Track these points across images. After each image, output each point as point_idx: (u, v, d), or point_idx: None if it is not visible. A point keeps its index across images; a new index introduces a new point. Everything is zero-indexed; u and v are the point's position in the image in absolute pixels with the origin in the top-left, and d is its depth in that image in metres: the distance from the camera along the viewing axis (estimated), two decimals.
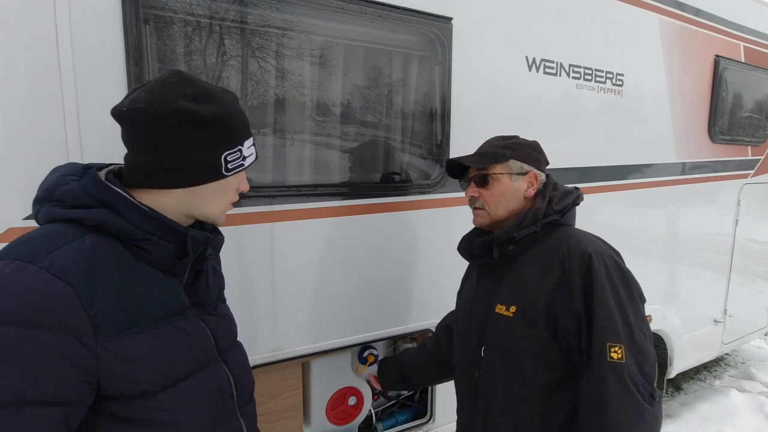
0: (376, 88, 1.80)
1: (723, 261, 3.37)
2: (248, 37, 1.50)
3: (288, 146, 1.65)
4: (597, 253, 1.09)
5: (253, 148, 0.89)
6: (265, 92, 1.57)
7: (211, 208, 0.87)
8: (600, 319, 1.03)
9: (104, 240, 0.75)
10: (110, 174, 0.82)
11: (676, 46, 2.67)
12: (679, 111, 2.78)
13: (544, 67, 2.09)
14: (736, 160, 3.28)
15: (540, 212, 1.18)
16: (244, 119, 0.88)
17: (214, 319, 0.90)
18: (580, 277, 1.07)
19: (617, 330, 1.02)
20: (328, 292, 1.71)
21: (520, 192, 1.23)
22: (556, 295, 1.09)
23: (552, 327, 1.09)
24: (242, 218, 1.49)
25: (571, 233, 1.18)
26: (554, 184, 1.26)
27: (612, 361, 1.00)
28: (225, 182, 0.85)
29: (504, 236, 1.19)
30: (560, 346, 1.10)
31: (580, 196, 1.27)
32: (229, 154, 0.83)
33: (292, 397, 1.72)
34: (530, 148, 1.26)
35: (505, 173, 1.22)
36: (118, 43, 1.26)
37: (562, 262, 1.10)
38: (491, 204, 1.23)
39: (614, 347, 1.01)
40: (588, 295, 1.05)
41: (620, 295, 1.06)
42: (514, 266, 1.20)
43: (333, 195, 1.68)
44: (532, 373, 1.11)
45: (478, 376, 1.21)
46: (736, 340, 3.62)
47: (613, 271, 1.08)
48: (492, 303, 1.20)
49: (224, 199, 0.88)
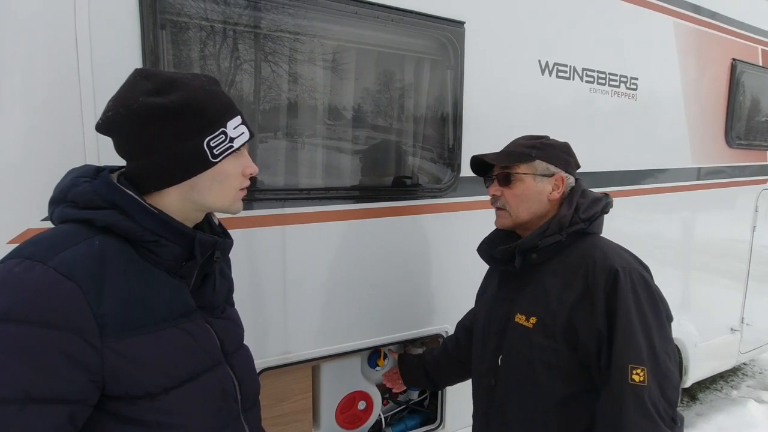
0: (388, 92, 1.80)
1: (740, 268, 3.30)
2: (262, 41, 1.51)
3: (300, 149, 1.66)
4: (624, 269, 1.04)
5: (244, 126, 0.84)
6: (278, 96, 1.58)
7: (216, 199, 0.84)
8: (623, 339, 1.00)
9: (113, 241, 0.76)
10: (122, 177, 0.83)
11: (691, 49, 2.63)
12: (695, 115, 2.74)
13: (557, 71, 2.07)
14: (754, 165, 3.22)
15: (566, 220, 1.14)
16: (224, 100, 0.84)
17: (220, 322, 0.90)
18: (605, 293, 1.03)
19: (640, 352, 0.99)
20: (338, 295, 1.70)
21: (544, 194, 1.18)
22: (578, 309, 1.05)
23: (572, 341, 1.06)
24: (253, 221, 1.50)
25: (598, 244, 1.13)
26: (583, 191, 1.21)
27: (633, 383, 0.97)
28: (219, 169, 0.82)
29: (527, 244, 1.15)
30: (579, 360, 1.06)
31: (609, 203, 1.21)
32: (211, 139, 0.80)
33: (301, 400, 1.72)
34: (559, 150, 1.21)
35: (530, 174, 1.17)
36: (135, 48, 1.28)
37: (586, 276, 1.06)
38: (512, 204, 1.19)
39: (636, 369, 0.97)
40: (611, 313, 1.02)
41: (646, 314, 1.02)
42: (537, 275, 1.16)
43: (344, 198, 1.68)
44: (550, 385, 1.09)
45: (494, 384, 1.19)
46: (754, 349, 3.53)
47: (639, 289, 1.03)
48: (511, 311, 1.18)
49: (228, 187, 0.84)
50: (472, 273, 1.99)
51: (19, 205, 1.20)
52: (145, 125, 0.77)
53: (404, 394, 2.10)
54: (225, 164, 0.82)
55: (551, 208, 1.19)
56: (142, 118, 0.76)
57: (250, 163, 0.87)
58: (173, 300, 0.81)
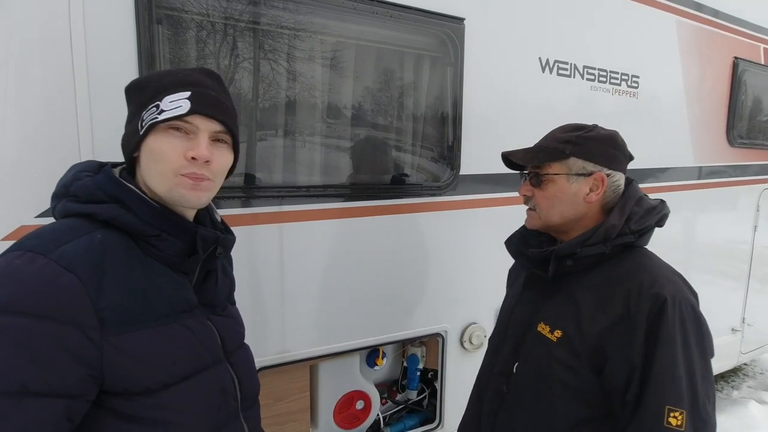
0: (388, 90, 1.78)
1: (741, 268, 3.28)
2: (260, 37, 1.50)
3: (299, 147, 1.65)
4: (674, 298, 0.93)
5: (186, 101, 0.76)
6: (277, 93, 1.56)
7: (154, 182, 0.78)
8: (662, 376, 0.90)
9: (115, 235, 0.76)
10: (124, 171, 0.83)
11: (694, 47, 2.61)
12: (697, 114, 2.72)
13: (558, 69, 2.06)
14: (756, 164, 3.20)
15: (614, 231, 1.01)
16: (171, 77, 0.80)
17: (221, 320, 0.89)
18: (647, 322, 0.92)
19: (681, 394, 0.89)
20: (337, 293, 1.69)
21: (579, 196, 1.05)
22: (613, 334, 0.95)
23: (597, 366, 0.96)
24: (251, 218, 1.49)
25: (645, 264, 1.01)
26: (639, 198, 1.07)
27: (669, 427, 0.88)
28: (150, 146, 0.77)
29: (565, 251, 1.04)
30: (602, 387, 0.97)
31: (665, 215, 1.08)
32: (146, 112, 0.78)
33: (299, 400, 1.71)
34: (602, 143, 1.05)
35: (562, 174, 1.04)
36: (131, 45, 1.27)
37: (628, 300, 0.95)
38: (543, 207, 1.07)
39: (674, 412, 0.88)
40: (651, 345, 0.91)
41: (691, 352, 0.92)
42: (569, 285, 1.05)
43: (343, 196, 1.67)
44: (565, 406, 1.00)
45: (506, 391, 1.11)
46: (755, 349, 3.52)
47: (688, 323, 0.93)
48: (535, 318, 1.09)
49: (162, 168, 0.77)
50: (473, 272, 1.98)
51: (12, 202, 1.18)
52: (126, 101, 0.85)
53: (403, 393, 2.09)
54: (155, 141, 0.77)
55: (589, 210, 1.07)
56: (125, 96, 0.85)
57: (195, 146, 0.77)
58: (175, 295, 0.80)
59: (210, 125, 0.79)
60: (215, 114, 0.79)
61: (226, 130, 0.82)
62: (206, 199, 0.82)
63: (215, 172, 0.81)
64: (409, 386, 2.03)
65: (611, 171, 1.06)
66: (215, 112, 0.80)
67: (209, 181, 0.80)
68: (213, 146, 0.80)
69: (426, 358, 2.05)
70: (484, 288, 2.01)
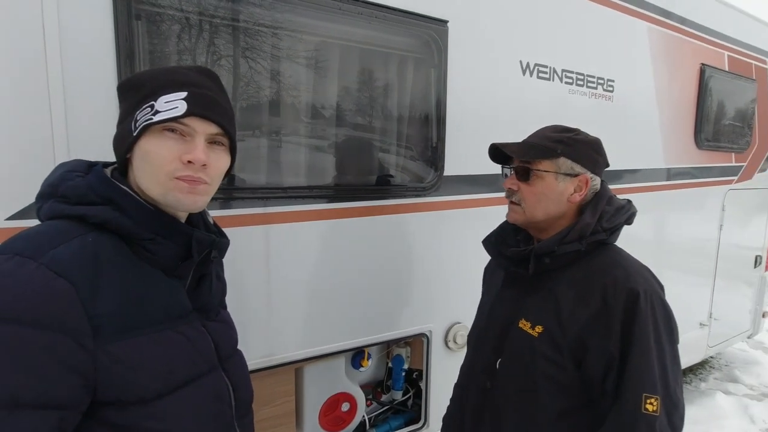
0: (372, 90, 1.78)
1: (708, 266, 3.43)
2: (242, 36, 1.47)
3: (282, 148, 1.63)
4: (646, 292, 0.99)
5: (182, 102, 0.73)
6: (260, 93, 1.54)
7: (148, 183, 0.76)
8: (638, 366, 0.96)
9: (107, 238, 0.73)
10: (116, 172, 0.80)
11: (664, 53, 2.72)
12: (667, 117, 2.83)
13: (538, 72, 2.10)
14: (721, 166, 3.35)
15: (588, 229, 1.06)
16: (167, 76, 0.78)
17: (215, 325, 0.87)
18: (623, 314, 0.98)
19: (655, 381, 0.96)
20: (322, 295, 1.68)
21: (564, 195, 1.09)
22: (592, 328, 1.00)
23: (578, 358, 1.02)
24: (234, 220, 1.46)
25: (619, 261, 1.07)
26: (610, 198, 1.13)
27: (646, 413, 0.94)
28: (144, 147, 0.74)
29: (543, 250, 1.08)
30: (582, 377, 1.03)
31: (633, 214, 1.14)
32: (139, 112, 0.75)
33: (284, 403, 1.69)
34: (588, 147, 1.11)
35: (552, 171, 1.08)
36: (108, 40, 1.23)
37: (605, 294, 1.00)
38: (529, 202, 1.10)
39: (650, 399, 0.94)
40: (627, 337, 0.97)
41: (662, 341, 0.99)
42: (548, 282, 1.09)
43: (326, 197, 1.65)
44: (548, 397, 1.05)
45: (489, 387, 1.15)
46: (721, 343, 3.68)
47: (659, 315, 0.99)
48: (516, 315, 1.12)
49: (156, 170, 0.74)
50: (456, 272, 2.00)
51: None
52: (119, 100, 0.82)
53: (388, 394, 2.08)
54: (149, 143, 0.74)
55: (568, 209, 1.11)
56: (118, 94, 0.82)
57: (192, 149, 0.74)
58: (169, 301, 0.78)
59: (207, 127, 0.77)
60: (212, 116, 0.77)
61: (223, 132, 0.80)
62: (203, 203, 0.80)
63: (212, 175, 0.79)
64: (394, 387, 2.04)
65: (593, 175, 1.11)
66: (212, 113, 0.77)
67: (206, 184, 0.78)
68: (209, 149, 0.78)
69: (411, 358, 2.05)
70: (467, 287, 2.02)
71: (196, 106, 0.75)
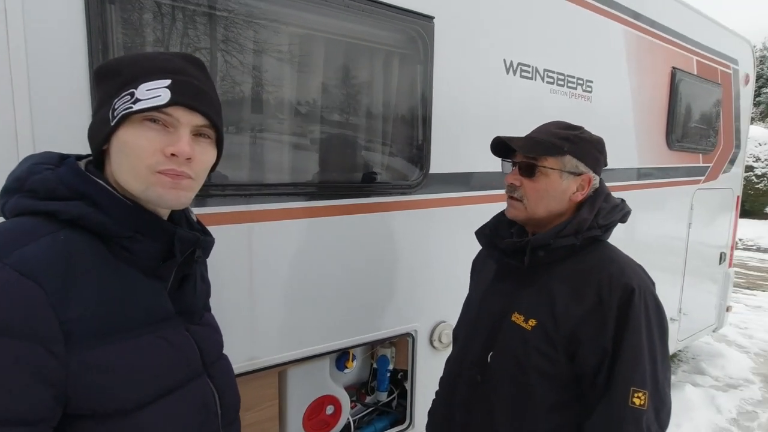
0: (357, 86, 1.75)
1: (678, 263, 3.55)
2: (227, 26, 1.41)
3: (265, 144, 1.57)
4: (640, 288, 1.00)
5: (166, 90, 0.68)
6: (243, 86, 1.48)
7: (126, 177, 0.70)
8: (629, 361, 0.97)
9: (81, 236, 0.66)
10: (90, 165, 0.74)
11: (638, 56, 2.79)
12: (641, 118, 2.91)
13: (521, 71, 2.11)
14: (690, 166, 3.48)
15: (584, 225, 1.06)
16: (149, 62, 0.72)
17: (199, 329, 0.82)
18: (617, 310, 0.99)
19: (644, 376, 0.97)
20: (306, 296, 1.63)
21: (567, 193, 1.09)
22: (586, 323, 1.00)
23: (570, 352, 1.02)
24: (216, 218, 1.39)
25: (613, 257, 1.08)
26: (606, 195, 1.14)
27: (633, 406, 0.95)
28: (121, 137, 0.69)
29: (539, 242, 1.08)
30: (574, 371, 1.04)
31: (627, 213, 1.16)
32: (118, 100, 0.69)
33: (268, 408, 1.63)
34: (592, 146, 1.11)
35: (557, 169, 1.06)
36: (78, 26, 1.14)
37: (600, 290, 1.01)
38: (531, 199, 1.09)
39: (638, 393, 0.96)
40: (620, 333, 0.98)
41: (653, 338, 0.99)
42: (543, 276, 1.09)
43: (310, 195, 1.61)
44: (541, 391, 1.05)
45: (479, 381, 1.14)
46: (689, 337, 3.82)
47: (651, 311, 1.00)
48: (509, 308, 1.12)
49: (134, 163, 0.68)
50: (442, 270, 1.99)
51: None
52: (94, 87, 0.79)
53: (372, 395, 2.05)
54: (129, 133, 0.68)
55: (570, 208, 1.11)
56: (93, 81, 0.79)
57: (175, 141, 0.69)
58: (150, 303, 0.72)
59: (192, 118, 0.71)
60: (198, 106, 0.71)
61: (209, 124, 0.74)
62: (186, 199, 0.74)
63: (196, 170, 0.73)
64: (379, 388, 2.01)
65: (594, 174, 1.12)
66: (198, 103, 0.71)
67: (190, 179, 0.72)
68: (195, 141, 0.72)
69: (395, 358, 2.03)
70: (453, 286, 2.01)
71: (181, 94, 0.69)
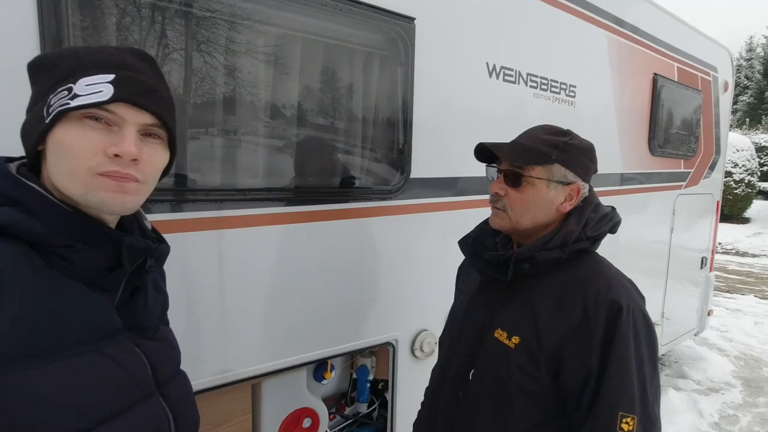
0: (336, 88, 1.70)
1: (661, 267, 3.57)
2: (197, 23, 1.35)
3: (238, 147, 1.51)
4: (628, 306, 0.94)
5: (108, 86, 0.63)
6: (214, 87, 1.42)
7: (63, 180, 0.64)
8: (616, 383, 0.91)
9: (10, 246, 0.60)
10: (24, 168, 0.67)
11: (621, 62, 2.79)
12: (624, 123, 2.91)
13: (504, 75, 2.09)
14: (672, 172, 3.50)
15: (571, 236, 1.01)
16: (91, 56, 0.66)
17: (152, 345, 0.75)
18: (603, 329, 0.93)
19: (633, 400, 0.91)
20: (281, 305, 1.56)
21: (554, 204, 1.03)
22: (570, 340, 0.95)
23: (553, 370, 0.97)
24: (185, 224, 1.33)
25: (601, 270, 1.02)
26: (596, 205, 1.08)
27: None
28: (57, 137, 0.63)
29: (523, 255, 1.02)
30: (557, 389, 0.98)
31: (617, 223, 1.10)
32: (54, 96, 0.63)
33: (240, 423, 1.56)
34: (582, 153, 1.05)
35: (544, 179, 1.01)
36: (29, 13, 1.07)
37: (586, 306, 0.95)
38: (516, 209, 1.03)
39: (626, 418, 0.90)
40: (606, 352, 0.92)
41: (642, 359, 0.94)
42: (525, 289, 1.04)
43: (286, 200, 1.55)
44: (522, 409, 1.00)
45: (461, 397, 1.09)
46: (672, 341, 3.84)
47: (640, 330, 0.94)
48: (491, 323, 1.06)
49: (72, 164, 0.63)
50: (423, 278, 1.94)
51: None
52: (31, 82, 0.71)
53: (352, 406, 1.99)
54: (66, 132, 0.63)
55: (557, 218, 1.05)
56: None
57: (119, 141, 0.63)
58: (93, 318, 0.65)
59: (139, 116, 0.66)
60: (146, 103, 0.66)
61: (159, 123, 0.68)
62: (133, 204, 0.68)
63: (145, 172, 0.67)
64: (359, 399, 1.95)
65: (584, 182, 1.06)
66: (146, 101, 0.66)
67: (136, 182, 0.66)
68: (143, 141, 0.67)
69: (376, 368, 1.97)
70: (434, 294, 1.97)
71: (126, 91, 0.64)
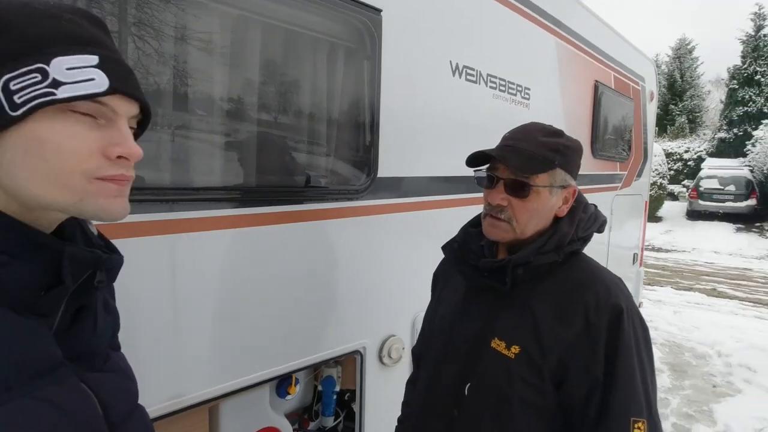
0: (298, 79, 1.58)
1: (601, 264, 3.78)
2: (137, 4, 1.17)
3: (191, 143, 1.34)
4: (628, 309, 0.93)
5: (98, 72, 0.51)
6: (160, 75, 1.24)
7: (37, 185, 0.51)
8: (625, 390, 0.90)
9: None
10: None
11: (568, 68, 2.91)
12: (571, 126, 3.03)
13: (466, 74, 2.08)
14: (610, 173, 3.73)
15: (566, 239, 0.98)
16: (52, 22, 0.51)
17: (102, 378, 0.61)
18: (606, 334, 0.91)
19: (641, 404, 0.90)
20: (239, 317, 1.41)
21: (554, 210, 1.00)
22: (575, 349, 0.92)
23: (557, 380, 0.94)
24: (132, 228, 1.14)
25: (596, 273, 1.00)
26: (585, 205, 1.06)
27: None
28: (33, 133, 0.50)
29: (520, 261, 0.97)
30: (561, 400, 0.95)
31: (604, 222, 1.09)
32: (16, 77, 0.49)
33: None
34: (576, 155, 1.03)
35: (548, 186, 0.97)
36: None
37: (587, 312, 0.92)
38: (522, 219, 0.97)
39: (638, 423, 0.89)
40: (611, 359, 0.91)
41: (643, 360, 0.93)
42: (521, 296, 0.99)
43: (243, 201, 1.40)
44: (525, 423, 0.95)
45: (457, 415, 1.01)
46: None
47: (640, 333, 0.94)
48: (487, 334, 1.00)
49: (66, 165, 0.51)
50: (391, 281, 1.87)
51: None
52: None
53: (316, 420, 1.87)
54: (46, 128, 0.50)
55: (551, 224, 1.03)
56: None
57: (119, 139, 0.53)
58: (24, 353, 0.51)
59: (129, 108, 0.56)
60: (138, 93, 0.56)
61: (139, 114, 0.59)
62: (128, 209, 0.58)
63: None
64: (324, 412, 1.83)
65: (575, 183, 1.05)
66: (136, 90, 0.56)
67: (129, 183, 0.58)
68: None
69: (342, 378, 1.86)
70: (402, 298, 1.91)
71: (118, 79, 0.53)
